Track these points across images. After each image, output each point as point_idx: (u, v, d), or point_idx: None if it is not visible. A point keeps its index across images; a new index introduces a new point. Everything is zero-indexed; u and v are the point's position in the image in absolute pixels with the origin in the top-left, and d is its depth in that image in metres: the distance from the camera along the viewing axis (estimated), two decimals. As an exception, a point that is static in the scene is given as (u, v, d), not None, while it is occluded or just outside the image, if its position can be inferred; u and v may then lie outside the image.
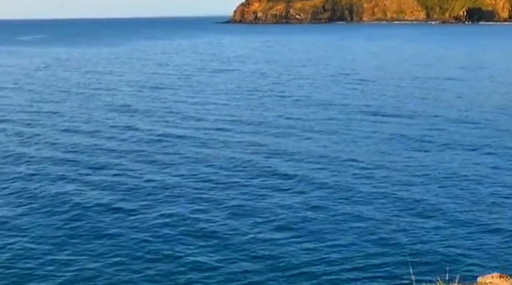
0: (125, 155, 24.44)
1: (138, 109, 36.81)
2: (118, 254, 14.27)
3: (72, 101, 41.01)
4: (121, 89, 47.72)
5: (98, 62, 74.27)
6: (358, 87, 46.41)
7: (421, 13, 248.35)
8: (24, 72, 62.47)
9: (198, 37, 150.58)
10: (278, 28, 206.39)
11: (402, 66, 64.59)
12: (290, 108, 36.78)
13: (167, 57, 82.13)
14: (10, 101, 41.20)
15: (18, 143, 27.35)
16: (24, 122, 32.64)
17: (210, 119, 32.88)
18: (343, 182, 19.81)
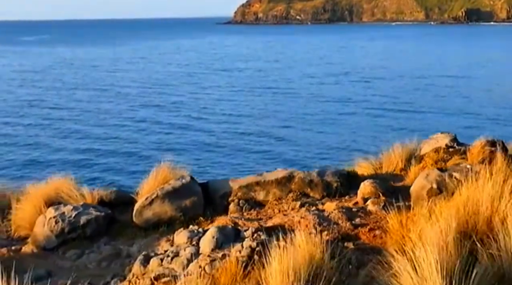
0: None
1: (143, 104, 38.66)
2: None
3: (79, 95, 43.23)
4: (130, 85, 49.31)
5: (104, 61, 75.64)
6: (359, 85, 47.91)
7: (420, 13, 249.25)
8: (33, 70, 63.93)
9: (199, 37, 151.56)
10: (279, 28, 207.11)
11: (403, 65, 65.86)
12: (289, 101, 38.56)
13: (172, 57, 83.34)
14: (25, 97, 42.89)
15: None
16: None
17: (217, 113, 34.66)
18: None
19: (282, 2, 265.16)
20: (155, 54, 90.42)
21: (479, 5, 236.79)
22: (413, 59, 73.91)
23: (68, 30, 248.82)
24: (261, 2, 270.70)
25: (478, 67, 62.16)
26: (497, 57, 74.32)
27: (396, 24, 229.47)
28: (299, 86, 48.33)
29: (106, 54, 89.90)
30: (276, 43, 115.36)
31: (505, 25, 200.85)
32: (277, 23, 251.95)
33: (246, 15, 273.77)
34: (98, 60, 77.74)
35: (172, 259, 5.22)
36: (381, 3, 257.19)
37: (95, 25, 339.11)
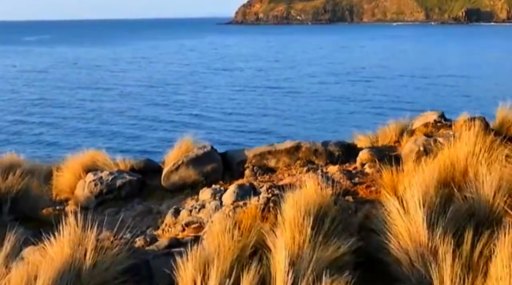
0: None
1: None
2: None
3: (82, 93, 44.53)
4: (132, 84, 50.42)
5: (105, 61, 76.71)
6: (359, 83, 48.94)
7: (420, 14, 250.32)
8: (36, 70, 65.05)
9: (200, 37, 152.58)
10: (280, 29, 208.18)
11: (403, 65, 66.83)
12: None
13: (175, 57, 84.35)
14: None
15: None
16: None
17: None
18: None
19: (282, 3, 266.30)
20: (157, 53, 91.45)
21: (479, 5, 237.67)
22: (414, 58, 74.87)
23: (68, 30, 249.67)
24: (262, 2, 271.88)
25: (479, 66, 63.09)
26: (498, 57, 75.30)
27: (397, 24, 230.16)
28: (299, 85, 49.31)
29: (108, 54, 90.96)
30: (277, 43, 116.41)
31: (505, 26, 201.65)
32: (278, 23, 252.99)
33: (247, 15, 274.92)
34: (100, 60, 78.87)
35: (199, 210, 6.18)
36: (382, 4, 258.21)
37: (95, 25, 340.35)
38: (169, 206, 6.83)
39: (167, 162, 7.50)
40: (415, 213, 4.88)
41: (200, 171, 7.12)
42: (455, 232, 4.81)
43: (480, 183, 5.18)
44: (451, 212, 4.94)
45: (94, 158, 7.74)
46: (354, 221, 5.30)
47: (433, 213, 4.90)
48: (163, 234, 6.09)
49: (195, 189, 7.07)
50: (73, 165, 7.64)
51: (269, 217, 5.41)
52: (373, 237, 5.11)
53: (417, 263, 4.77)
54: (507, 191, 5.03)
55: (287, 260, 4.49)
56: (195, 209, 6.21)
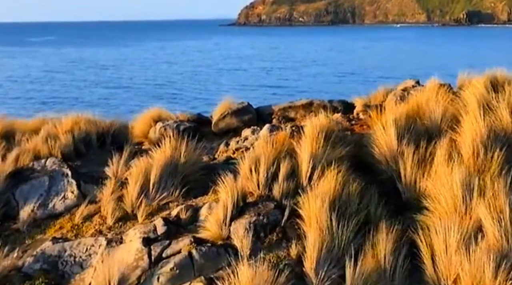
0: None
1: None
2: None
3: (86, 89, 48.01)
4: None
5: (112, 61, 79.53)
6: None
7: (422, 15, 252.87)
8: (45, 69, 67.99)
9: (205, 39, 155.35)
10: (282, 30, 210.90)
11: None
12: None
13: (181, 58, 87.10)
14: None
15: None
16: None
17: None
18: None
19: (285, 4, 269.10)
20: (164, 54, 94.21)
21: (480, 7, 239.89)
22: (416, 59, 77.42)
23: (73, 31, 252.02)
24: (265, 4, 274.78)
25: (480, 66, 65.31)
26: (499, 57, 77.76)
27: (401, 26, 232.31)
28: (304, 84, 52.00)
29: (117, 55, 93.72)
30: (280, 44, 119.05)
31: (506, 27, 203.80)
32: (280, 25, 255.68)
33: (250, 17, 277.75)
34: (112, 60, 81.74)
35: (244, 141, 8.92)
36: (383, 5, 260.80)
37: (100, 26, 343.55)
38: (219, 143, 9.57)
39: (215, 114, 10.22)
40: (390, 131, 7.63)
41: (241, 120, 9.84)
42: (414, 142, 7.57)
43: (433, 114, 7.93)
44: (413, 130, 7.70)
45: (159, 113, 10.47)
46: (351, 139, 8.06)
47: (401, 131, 7.65)
48: (219, 156, 8.84)
49: (237, 132, 9.80)
50: (144, 118, 10.36)
51: (294, 138, 8.15)
52: (363, 149, 7.88)
53: (390, 162, 7.53)
54: (448, 118, 7.79)
55: (308, 155, 7.24)
56: (240, 141, 8.95)
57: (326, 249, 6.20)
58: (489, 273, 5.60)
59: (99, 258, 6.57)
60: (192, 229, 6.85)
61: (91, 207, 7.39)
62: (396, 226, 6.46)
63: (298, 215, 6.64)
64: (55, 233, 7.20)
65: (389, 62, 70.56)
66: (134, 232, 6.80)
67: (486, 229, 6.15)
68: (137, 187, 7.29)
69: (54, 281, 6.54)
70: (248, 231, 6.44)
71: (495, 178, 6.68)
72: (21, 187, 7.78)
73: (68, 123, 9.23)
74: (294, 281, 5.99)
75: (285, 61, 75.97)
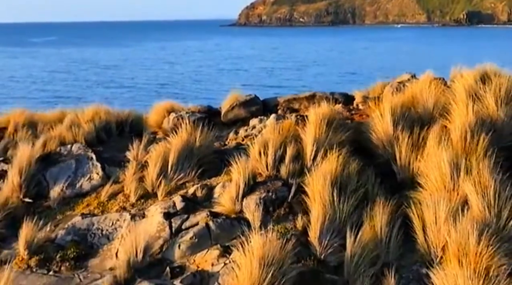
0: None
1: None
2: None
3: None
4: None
5: (113, 61, 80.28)
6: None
7: (422, 16, 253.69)
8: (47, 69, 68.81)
9: (205, 39, 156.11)
10: (283, 30, 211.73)
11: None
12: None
13: (182, 58, 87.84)
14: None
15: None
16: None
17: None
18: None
19: (285, 5, 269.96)
20: (165, 54, 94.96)
21: (480, 7, 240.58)
22: (416, 59, 78.11)
23: (73, 31, 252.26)
24: (265, 4, 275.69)
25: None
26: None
27: (401, 26, 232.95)
28: (305, 84, 52.71)
29: (118, 55, 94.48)
30: (281, 44, 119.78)
31: (506, 28, 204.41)
32: (281, 25, 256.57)
33: (250, 17, 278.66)
34: (113, 60, 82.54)
35: (252, 129, 9.67)
36: (383, 6, 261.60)
37: (100, 26, 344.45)
38: (228, 132, 10.31)
39: (224, 106, 10.96)
40: (386, 118, 8.38)
41: (248, 110, 10.58)
42: (409, 128, 8.31)
43: (426, 103, 8.68)
44: (407, 118, 8.46)
45: (171, 104, 11.21)
46: (351, 126, 8.81)
47: (397, 118, 8.40)
48: (229, 143, 9.60)
49: (245, 122, 10.54)
50: (158, 109, 11.11)
51: (299, 125, 8.89)
52: (362, 134, 8.63)
53: (387, 146, 8.29)
54: (440, 107, 8.55)
55: (312, 140, 7.99)
56: (249, 129, 9.70)
57: (328, 221, 6.95)
58: (473, 240, 6.33)
59: (125, 230, 7.32)
60: (208, 205, 7.61)
61: (115, 187, 8.15)
62: (391, 202, 7.21)
63: (303, 192, 7.39)
64: (83, 209, 7.96)
65: (389, 62, 71.20)
66: (155, 208, 7.56)
67: (471, 202, 6.89)
68: (157, 168, 8.05)
69: (84, 251, 7.29)
70: (259, 206, 7.20)
71: (480, 159, 7.42)
72: (51, 169, 8.54)
73: (89, 113, 9.98)
74: (299, 249, 6.74)
75: (286, 61, 76.70)
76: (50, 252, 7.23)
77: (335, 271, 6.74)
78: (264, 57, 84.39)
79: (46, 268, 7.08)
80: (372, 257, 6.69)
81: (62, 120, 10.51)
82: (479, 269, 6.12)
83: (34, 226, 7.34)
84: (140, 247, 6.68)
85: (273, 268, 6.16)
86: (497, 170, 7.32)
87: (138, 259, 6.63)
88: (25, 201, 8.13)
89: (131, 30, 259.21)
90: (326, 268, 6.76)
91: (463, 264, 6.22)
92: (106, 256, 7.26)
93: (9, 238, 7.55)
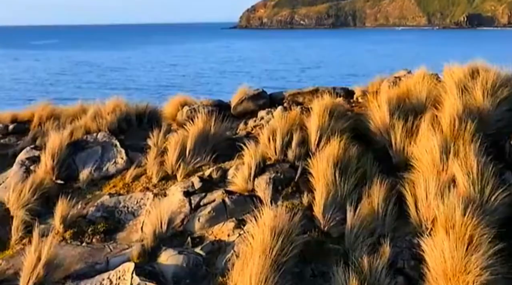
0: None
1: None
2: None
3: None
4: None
5: (115, 63, 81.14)
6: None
7: (422, 18, 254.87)
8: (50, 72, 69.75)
9: (208, 41, 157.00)
10: (284, 33, 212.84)
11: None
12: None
13: (184, 60, 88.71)
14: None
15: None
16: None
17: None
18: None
19: (286, 7, 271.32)
20: (167, 56, 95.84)
21: (481, 10, 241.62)
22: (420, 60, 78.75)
23: (75, 35, 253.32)
24: (266, 7, 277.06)
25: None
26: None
27: (402, 28, 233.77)
28: (307, 85, 53.51)
29: (120, 57, 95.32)
30: (283, 46, 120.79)
31: (506, 30, 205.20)
32: (282, 28, 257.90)
33: (251, 20, 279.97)
34: (115, 62, 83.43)
35: (260, 120, 10.54)
36: (384, 8, 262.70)
37: (102, 30, 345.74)
38: (238, 123, 11.18)
39: (233, 100, 11.84)
40: (383, 108, 9.25)
41: (256, 104, 11.45)
42: (403, 117, 9.18)
43: (419, 94, 9.56)
44: (402, 108, 9.34)
45: (185, 98, 12.09)
46: (351, 115, 9.69)
47: (393, 108, 9.28)
48: (240, 132, 10.48)
49: (253, 114, 11.41)
50: (172, 103, 11.98)
51: (304, 115, 9.77)
52: (361, 123, 9.51)
53: (383, 133, 9.16)
54: (431, 98, 9.43)
55: (316, 127, 8.87)
56: (258, 120, 10.58)
57: (331, 198, 7.82)
58: (459, 212, 7.19)
59: (149, 206, 8.20)
60: (222, 186, 8.50)
61: (138, 170, 9.04)
62: (387, 181, 8.09)
63: (308, 173, 8.28)
64: (110, 190, 8.85)
65: (391, 64, 72.06)
66: (176, 187, 8.44)
67: (458, 181, 7.77)
68: (176, 153, 8.94)
69: (112, 226, 8.17)
70: (269, 185, 8.08)
71: (467, 144, 8.29)
72: (79, 154, 9.44)
73: (110, 105, 10.86)
74: (305, 222, 7.61)
75: (287, 64, 77.62)
76: (82, 226, 8.10)
77: (337, 241, 7.60)
78: (266, 59, 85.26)
79: (79, 240, 7.95)
80: (370, 229, 7.56)
81: (82, 113, 11.41)
82: (463, 238, 6.98)
83: (68, 203, 8.21)
84: (164, 220, 7.55)
85: (282, 237, 7.02)
86: (481, 153, 8.19)
87: (163, 230, 7.50)
88: (57, 182, 9.01)
89: (133, 33, 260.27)
90: (329, 238, 7.62)
91: (449, 234, 7.08)
92: (132, 230, 8.13)
93: (44, 215, 8.41)
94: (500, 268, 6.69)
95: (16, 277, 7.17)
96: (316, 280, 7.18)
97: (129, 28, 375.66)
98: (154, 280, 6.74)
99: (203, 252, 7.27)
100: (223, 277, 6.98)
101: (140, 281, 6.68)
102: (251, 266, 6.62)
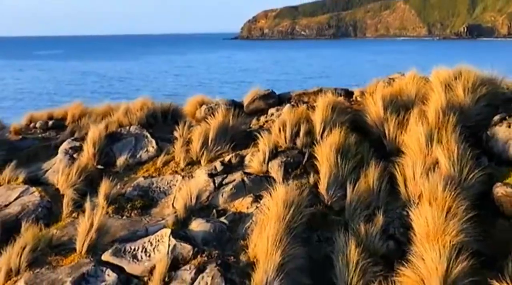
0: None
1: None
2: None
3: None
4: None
5: (118, 73, 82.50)
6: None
7: (422, 29, 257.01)
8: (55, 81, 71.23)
9: (210, 52, 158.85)
10: (285, 43, 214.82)
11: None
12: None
13: (187, 70, 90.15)
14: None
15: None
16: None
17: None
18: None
19: (287, 18, 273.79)
20: (170, 67, 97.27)
21: (481, 21, 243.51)
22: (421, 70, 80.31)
23: (78, 45, 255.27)
24: (267, 18, 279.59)
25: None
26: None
27: (403, 39, 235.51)
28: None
29: (123, 68, 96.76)
30: (284, 57, 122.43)
31: (506, 40, 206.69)
32: (283, 39, 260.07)
33: (252, 30, 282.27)
34: (119, 73, 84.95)
35: (271, 116, 12.02)
36: (384, 19, 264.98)
37: (104, 40, 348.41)
38: (251, 119, 12.66)
39: (246, 99, 13.33)
40: (378, 104, 10.73)
41: (266, 102, 12.95)
42: (396, 111, 10.65)
43: (409, 92, 11.04)
44: (395, 104, 10.82)
45: (202, 98, 13.59)
46: (350, 111, 11.18)
47: (387, 104, 10.76)
48: (253, 126, 11.96)
49: (264, 112, 12.89)
50: (191, 102, 13.47)
51: (309, 110, 11.24)
52: (359, 117, 10.98)
53: (379, 125, 10.62)
54: (420, 96, 10.92)
55: (320, 120, 10.35)
56: (268, 116, 12.06)
57: (333, 178, 9.28)
58: (441, 188, 8.63)
59: (178, 186, 9.66)
60: (241, 169, 9.95)
61: (167, 157, 10.52)
62: (381, 164, 9.54)
63: (314, 157, 9.74)
64: (144, 173, 10.33)
65: (392, 73, 73.49)
66: (201, 170, 9.90)
67: (440, 163, 9.22)
68: (199, 142, 10.42)
69: (147, 203, 9.63)
70: (281, 167, 9.54)
71: (449, 133, 9.75)
72: (116, 144, 10.93)
73: (138, 104, 12.37)
74: (312, 197, 9.06)
75: (289, 74, 79.15)
76: (122, 203, 9.55)
77: (338, 213, 9.04)
78: (267, 70, 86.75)
79: (120, 214, 9.40)
80: (366, 203, 9.00)
81: (110, 111, 12.91)
82: (443, 208, 8.41)
83: (109, 184, 9.67)
84: (193, 195, 9.00)
85: (293, 208, 8.47)
86: (461, 141, 9.64)
87: (192, 204, 8.94)
88: (98, 167, 10.50)
89: (135, 44, 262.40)
90: (332, 211, 9.07)
91: (432, 205, 8.52)
92: (164, 206, 9.59)
93: (88, 194, 9.86)
94: (472, 232, 8.11)
95: (69, 241, 8.62)
96: (321, 244, 8.61)
97: (131, 39, 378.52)
98: (187, 241, 8.17)
99: (226, 221, 8.71)
100: (244, 241, 8.41)
101: (176, 243, 8.10)
102: (268, 230, 8.06)
